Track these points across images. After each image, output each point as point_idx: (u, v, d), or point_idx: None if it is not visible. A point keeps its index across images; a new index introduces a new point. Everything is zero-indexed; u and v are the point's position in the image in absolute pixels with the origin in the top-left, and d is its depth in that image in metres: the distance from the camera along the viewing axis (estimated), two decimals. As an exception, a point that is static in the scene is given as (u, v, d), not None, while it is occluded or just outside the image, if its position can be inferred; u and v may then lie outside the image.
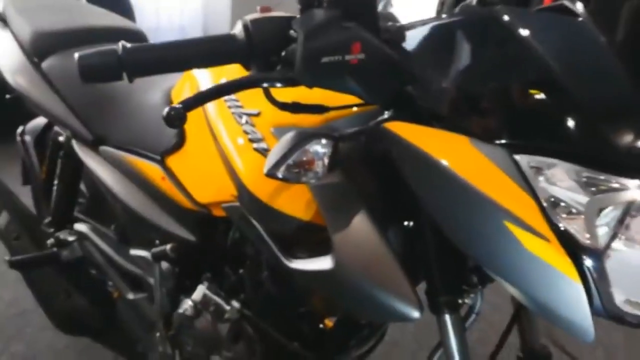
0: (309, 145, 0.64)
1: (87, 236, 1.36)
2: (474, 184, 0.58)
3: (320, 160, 0.65)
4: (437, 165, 0.60)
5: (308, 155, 0.64)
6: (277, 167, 0.65)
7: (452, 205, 0.60)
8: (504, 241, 0.57)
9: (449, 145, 0.60)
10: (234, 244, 1.08)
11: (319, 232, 0.80)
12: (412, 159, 0.62)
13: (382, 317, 0.74)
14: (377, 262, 0.72)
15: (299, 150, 0.64)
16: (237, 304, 1.07)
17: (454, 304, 0.74)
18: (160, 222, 1.14)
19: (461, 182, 0.58)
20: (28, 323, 1.94)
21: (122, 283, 1.32)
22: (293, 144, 0.64)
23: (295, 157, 0.64)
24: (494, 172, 0.58)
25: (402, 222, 0.81)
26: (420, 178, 0.62)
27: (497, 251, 0.58)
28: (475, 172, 0.58)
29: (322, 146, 0.64)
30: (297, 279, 0.82)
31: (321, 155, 0.65)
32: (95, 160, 1.27)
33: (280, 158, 0.64)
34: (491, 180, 0.58)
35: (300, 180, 0.67)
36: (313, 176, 0.66)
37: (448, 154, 0.59)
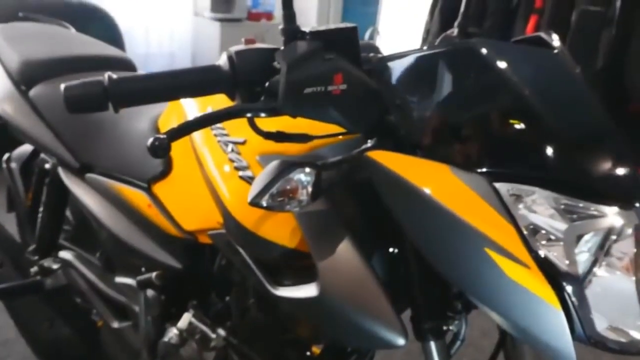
0: (292, 174, 0.65)
1: (72, 264, 1.34)
2: (454, 211, 0.59)
3: (304, 189, 0.66)
4: (418, 193, 0.61)
5: (292, 184, 0.65)
6: (261, 196, 0.65)
7: (434, 232, 0.61)
8: (484, 268, 0.58)
9: (430, 174, 0.61)
10: (220, 271, 1.08)
11: (304, 259, 0.81)
12: (393, 187, 0.63)
13: (367, 344, 0.74)
14: (361, 289, 0.73)
15: (282, 179, 0.64)
16: (223, 331, 1.06)
17: (438, 330, 0.74)
18: (146, 249, 1.14)
19: (442, 209, 0.59)
20: (9, 353, 1.90)
21: (107, 311, 1.31)
22: (276, 173, 0.64)
23: (278, 186, 0.65)
24: (474, 200, 0.59)
25: (386, 248, 0.82)
26: (402, 206, 0.63)
27: (479, 278, 0.59)
28: (455, 200, 0.59)
29: (305, 175, 0.65)
30: (283, 306, 0.82)
31: (305, 183, 0.66)
32: (81, 188, 1.27)
33: (264, 187, 0.65)
34: (472, 208, 0.59)
35: (284, 209, 0.67)
36: (297, 204, 0.67)
37: (429, 182, 0.60)
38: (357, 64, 0.64)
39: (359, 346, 0.76)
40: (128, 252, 1.19)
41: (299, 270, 0.82)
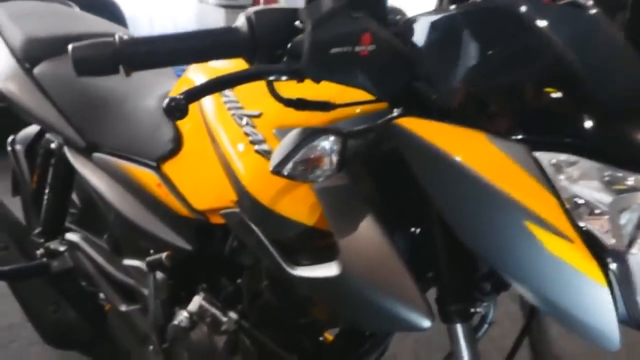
0: (317, 142, 0.60)
1: (79, 246, 1.31)
2: (492, 181, 0.55)
3: (329, 158, 0.62)
4: (452, 162, 0.56)
5: (316, 152, 0.61)
6: (283, 165, 0.61)
7: (468, 204, 0.57)
8: (523, 242, 0.54)
9: (465, 141, 0.57)
10: (231, 253, 1.04)
11: (323, 238, 0.77)
12: (425, 156, 0.58)
13: (390, 326, 0.70)
14: (385, 268, 0.69)
15: (306, 146, 0.60)
16: (235, 315, 1.03)
17: (465, 313, 0.71)
18: (155, 231, 1.10)
19: (478, 180, 0.55)
20: (15, 337, 1.87)
21: (114, 294, 1.28)
22: (300, 140, 0.60)
23: (302, 154, 0.61)
24: (513, 170, 0.55)
25: (409, 227, 0.78)
26: (433, 176, 0.59)
27: (516, 253, 0.55)
28: (493, 169, 0.55)
29: (330, 143, 0.61)
30: (300, 287, 0.78)
31: (330, 152, 0.61)
32: (87, 168, 1.23)
33: (286, 155, 0.61)
34: (510, 178, 0.55)
35: (307, 179, 0.63)
36: (321, 174, 0.63)
37: (464, 151, 0.56)
38: (384, 25, 0.60)
39: (381, 329, 0.72)
40: (136, 234, 1.15)
41: (316, 250, 0.78)
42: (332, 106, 0.67)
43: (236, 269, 1.21)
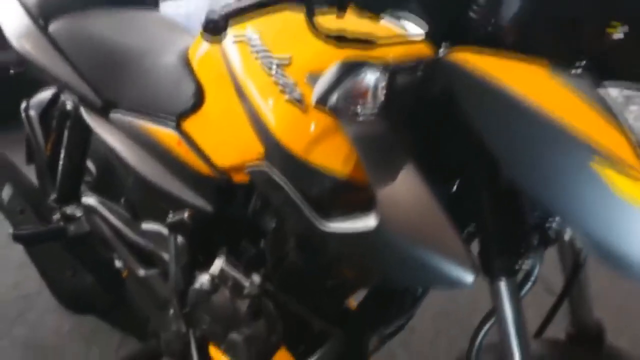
0: (362, 74, 0.56)
1: (96, 210, 1.28)
2: (555, 117, 0.50)
3: (374, 93, 0.57)
4: (510, 98, 0.52)
5: (361, 86, 0.56)
6: (326, 96, 0.57)
7: (527, 143, 0.52)
8: (588, 184, 0.49)
9: (524, 75, 0.52)
10: (255, 214, 1.00)
11: (357, 191, 0.73)
12: (479, 92, 0.54)
13: (431, 281, 0.66)
14: (426, 219, 0.65)
15: (351, 78, 0.56)
16: (258, 278, 0.99)
17: (510, 269, 0.66)
18: (175, 191, 1.07)
19: (540, 116, 0.50)
20: (31, 306, 1.87)
21: (133, 259, 1.25)
22: (345, 72, 0.56)
23: (346, 87, 0.56)
24: (578, 105, 0.50)
25: (448, 179, 0.74)
26: (488, 114, 0.54)
27: (579, 195, 0.50)
28: (556, 104, 0.50)
29: (376, 76, 0.56)
30: (332, 243, 0.74)
31: (375, 86, 0.57)
32: (104, 128, 1.19)
33: (330, 86, 0.56)
34: (575, 114, 0.50)
35: (351, 113, 0.59)
36: (365, 110, 0.58)
37: (523, 84, 0.51)
38: None
39: (420, 284, 0.68)
40: (155, 195, 1.12)
41: (350, 204, 0.74)
42: (374, 43, 0.62)
43: (259, 231, 1.17)
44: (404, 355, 1.74)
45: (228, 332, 1.05)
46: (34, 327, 1.76)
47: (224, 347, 1.07)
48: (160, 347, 1.19)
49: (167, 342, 1.18)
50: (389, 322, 1.00)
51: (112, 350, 1.65)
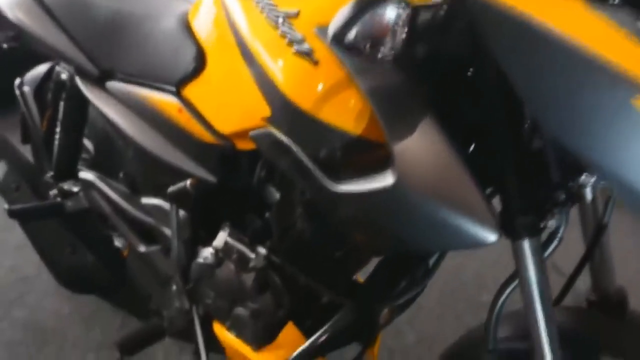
0: (383, 10, 0.51)
1: (94, 185, 1.24)
2: (591, 52, 0.46)
3: (395, 30, 0.53)
4: (541, 33, 0.47)
5: (381, 22, 0.52)
6: (344, 32, 0.52)
7: (560, 82, 0.48)
8: (630, 124, 0.45)
9: (557, 7, 0.48)
10: (260, 183, 0.96)
11: (370, 150, 0.69)
12: (508, 28, 0.49)
13: (451, 241, 0.62)
14: (446, 175, 0.61)
15: (370, 12, 0.51)
16: (263, 250, 0.96)
17: (534, 227, 0.63)
18: (176, 162, 1.02)
19: (574, 51, 0.46)
20: (30, 289, 1.83)
21: (133, 235, 1.21)
22: (364, 6, 0.51)
23: (365, 23, 0.52)
24: (618, 39, 0.46)
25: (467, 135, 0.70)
26: (517, 51, 0.50)
27: (619, 138, 0.46)
28: (592, 38, 0.46)
29: (397, 12, 0.52)
30: (344, 205, 0.70)
31: (396, 22, 0.52)
32: (101, 98, 1.15)
33: (347, 20, 0.52)
34: (614, 48, 0.46)
35: (369, 52, 0.54)
36: (385, 49, 0.54)
37: (556, 18, 0.47)
38: None
39: (439, 246, 0.64)
40: (156, 167, 1.07)
41: (362, 165, 0.70)
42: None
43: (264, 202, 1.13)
44: (410, 332, 1.71)
45: (233, 307, 1.02)
46: (34, 310, 1.73)
47: (229, 323, 1.04)
48: (162, 326, 1.16)
49: (170, 320, 1.15)
50: (400, 295, 0.96)
51: (113, 332, 1.62)
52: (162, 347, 1.58)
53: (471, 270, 2.08)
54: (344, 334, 1.03)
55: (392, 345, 1.65)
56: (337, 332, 0.88)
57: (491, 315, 0.73)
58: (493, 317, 0.73)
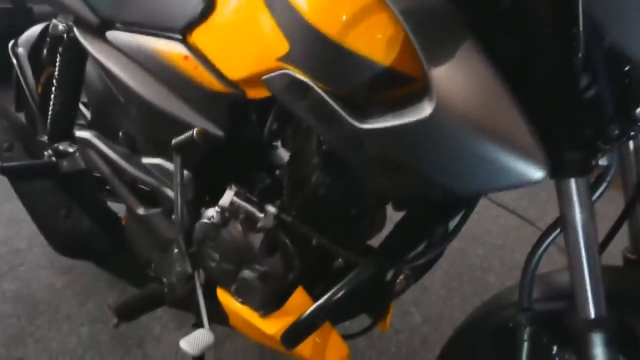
0: None
1: (91, 144, 1.17)
2: None
3: None
4: None
5: None
6: None
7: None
8: None
9: None
10: (271, 136, 0.90)
11: (401, 83, 0.62)
12: None
13: (492, 180, 0.56)
14: (490, 104, 0.54)
15: None
16: (273, 209, 0.89)
17: (583, 165, 0.57)
18: (182, 114, 0.96)
19: None
20: (22, 262, 1.76)
21: (132, 197, 1.14)
22: None
23: None
24: None
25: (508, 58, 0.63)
26: None
27: None
28: None
29: None
30: (373, 145, 0.63)
31: None
32: (101, 49, 1.08)
33: None
34: None
35: None
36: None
37: None
38: None
39: (478, 184, 0.57)
40: (159, 122, 1.01)
41: (391, 101, 0.63)
42: None
43: (273, 160, 1.07)
44: (416, 313, 1.66)
45: (239, 271, 0.96)
46: (26, 282, 1.66)
47: (234, 288, 0.97)
48: (161, 292, 1.09)
49: (171, 287, 1.09)
50: (417, 257, 0.89)
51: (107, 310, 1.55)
52: (159, 323, 1.52)
53: (477, 254, 2.02)
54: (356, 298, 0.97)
55: (399, 326, 1.59)
56: (350, 294, 0.81)
57: (526, 271, 0.68)
58: (528, 273, 0.67)
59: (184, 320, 1.52)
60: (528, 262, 0.67)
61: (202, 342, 0.94)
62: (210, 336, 0.95)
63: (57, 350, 1.40)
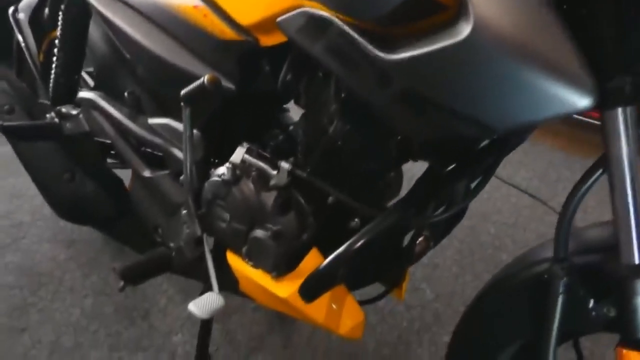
0: None
1: (95, 104, 1.12)
2: None
3: None
4: None
5: None
6: None
7: None
8: None
9: None
10: (285, 87, 0.85)
11: (432, 9, 0.57)
12: None
13: (534, 108, 0.51)
14: (535, 23, 0.50)
15: None
16: (287, 165, 0.85)
17: (633, 91, 0.52)
18: (191, 67, 0.91)
19: None
20: (24, 235, 1.72)
21: (138, 159, 1.10)
22: None
23: None
24: None
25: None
26: None
27: None
28: None
29: None
30: (402, 77, 0.58)
31: None
32: (107, 3, 1.03)
33: None
34: None
35: None
36: None
37: None
38: None
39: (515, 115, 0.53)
40: (168, 77, 0.96)
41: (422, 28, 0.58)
42: None
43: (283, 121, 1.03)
44: (428, 289, 1.62)
45: (251, 231, 0.91)
46: (29, 255, 1.62)
47: (246, 249, 0.93)
48: (168, 256, 1.05)
49: (179, 251, 1.04)
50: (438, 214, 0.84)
51: (112, 280, 1.52)
52: (165, 295, 1.48)
53: (488, 233, 1.98)
54: (373, 261, 0.93)
55: (410, 301, 1.55)
56: (370, 244, 0.76)
57: (562, 219, 0.63)
58: (565, 222, 0.63)
59: (190, 294, 1.48)
60: (565, 210, 0.63)
61: (211, 305, 0.89)
62: (220, 299, 0.91)
63: (60, 322, 1.36)
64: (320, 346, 1.35)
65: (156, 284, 1.52)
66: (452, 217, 0.96)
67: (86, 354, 1.27)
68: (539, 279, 0.66)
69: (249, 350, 1.32)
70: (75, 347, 1.29)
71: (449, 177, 0.80)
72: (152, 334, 1.34)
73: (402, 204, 0.80)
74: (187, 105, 0.87)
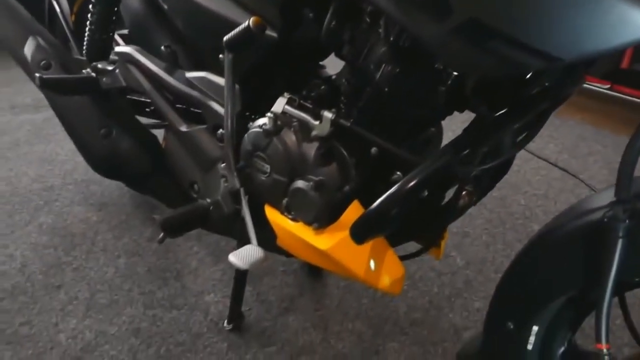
0: None
1: (132, 58, 1.11)
2: None
3: None
4: None
5: None
6: None
7: None
8: None
9: None
10: (329, 36, 0.83)
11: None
12: None
13: (604, 35, 0.48)
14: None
15: None
16: (330, 114, 0.83)
17: None
18: (233, 16, 0.89)
19: None
20: (56, 197, 1.74)
21: (174, 114, 1.09)
22: None
23: None
24: None
25: None
26: None
27: None
28: None
29: None
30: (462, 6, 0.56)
31: None
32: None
33: None
34: None
35: None
36: None
37: None
38: None
39: (587, 45, 0.50)
40: (208, 26, 0.95)
41: None
42: None
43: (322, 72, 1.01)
44: (459, 257, 1.60)
45: (292, 183, 0.90)
46: (61, 216, 1.64)
47: (286, 202, 0.92)
48: (206, 208, 1.05)
49: (217, 206, 1.04)
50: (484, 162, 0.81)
51: (143, 242, 1.53)
52: (196, 257, 1.49)
53: (519, 203, 1.95)
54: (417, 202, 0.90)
55: (441, 268, 1.54)
56: (422, 185, 0.73)
57: (626, 159, 0.60)
58: (628, 162, 0.60)
59: (220, 257, 1.49)
60: (628, 150, 0.60)
61: (251, 256, 0.89)
62: (259, 251, 0.90)
63: (95, 280, 1.38)
64: (351, 309, 1.35)
65: (187, 247, 1.52)
66: (497, 171, 0.93)
67: (121, 311, 1.28)
68: (596, 226, 0.64)
69: (280, 311, 1.32)
70: (111, 304, 1.30)
71: (497, 125, 0.77)
72: (185, 293, 1.35)
73: (451, 147, 0.78)
74: (230, 52, 0.85)
